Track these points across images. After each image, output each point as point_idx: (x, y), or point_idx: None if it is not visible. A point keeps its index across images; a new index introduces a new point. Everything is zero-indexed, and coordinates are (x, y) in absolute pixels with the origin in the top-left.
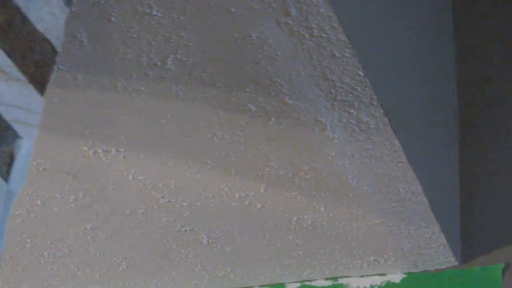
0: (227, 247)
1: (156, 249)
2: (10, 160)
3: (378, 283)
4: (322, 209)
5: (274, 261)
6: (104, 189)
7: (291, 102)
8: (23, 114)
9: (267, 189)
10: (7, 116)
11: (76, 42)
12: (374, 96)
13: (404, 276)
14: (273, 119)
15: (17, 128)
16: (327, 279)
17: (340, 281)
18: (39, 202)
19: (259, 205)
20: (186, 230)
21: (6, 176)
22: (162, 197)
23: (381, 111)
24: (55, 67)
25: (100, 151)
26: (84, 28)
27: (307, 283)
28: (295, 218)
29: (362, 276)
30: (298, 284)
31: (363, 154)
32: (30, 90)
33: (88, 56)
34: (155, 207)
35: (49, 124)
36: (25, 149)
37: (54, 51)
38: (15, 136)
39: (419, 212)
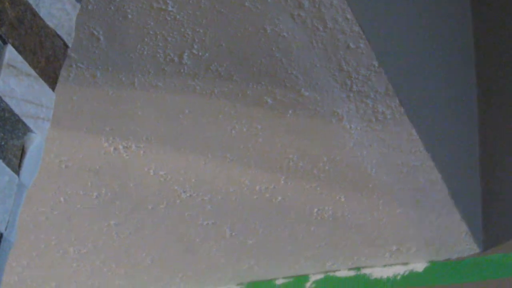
0: (249, 239)
1: (180, 243)
2: (21, 153)
3: (401, 272)
4: (343, 199)
5: (297, 252)
6: (125, 185)
7: (307, 93)
8: (34, 108)
9: (287, 181)
10: (18, 111)
11: (93, 40)
12: (390, 86)
13: (427, 265)
14: (290, 111)
15: (28, 122)
16: (350, 269)
17: (363, 271)
18: (62, 199)
19: (279, 198)
20: (208, 224)
21: (17, 169)
22: (184, 191)
23: (397, 101)
24: (74, 66)
25: (120, 147)
26: (100, 26)
27: (331, 274)
28: (316, 210)
29: (385, 266)
30: (322, 275)
31: (380, 144)
32: (41, 85)
33: (105, 54)
34: (177, 201)
35: (69, 121)
36: (36, 142)
37: (65, 46)
38: (26, 130)
39: (439, 200)
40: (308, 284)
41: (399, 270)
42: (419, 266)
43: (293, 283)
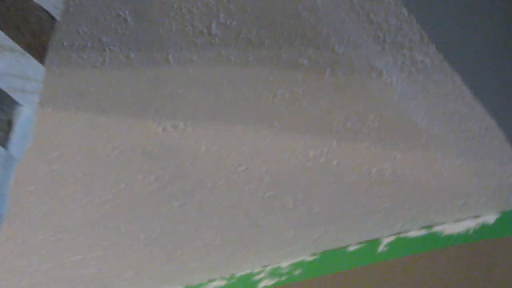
0: (314, 208)
1: (246, 218)
2: (9, 127)
3: (473, 226)
4: (399, 157)
5: (364, 216)
6: (181, 165)
7: (341, 50)
8: (20, 82)
9: (339, 143)
10: (3, 85)
11: (121, 21)
12: (424, 33)
13: (498, 215)
14: (327, 71)
15: (16, 96)
16: (421, 228)
17: (435, 229)
18: (123, 185)
19: (335, 162)
20: (270, 196)
21: (4, 143)
22: (239, 165)
23: (434, 47)
24: (107, 50)
25: (168, 127)
26: (125, 6)
27: (402, 235)
28: (374, 170)
29: (456, 222)
30: (393, 238)
31: (425, 95)
32: (27, 59)
33: (135, 33)
34: (235, 176)
35: (113, 107)
36: (25, 115)
37: (52, 19)
38: (14, 103)
39: (497, 147)
40: (380, 248)
41: (470, 224)
42: (490, 218)
43: (365, 248)
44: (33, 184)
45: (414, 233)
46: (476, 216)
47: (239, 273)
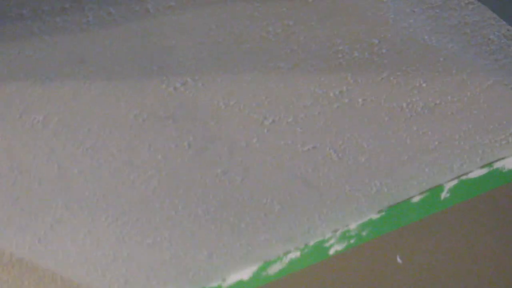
0: (359, 157)
1: (294, 176)
2: None
3: None
4: (424, 85)
5: (416, 159)
6: (206, 125)
7: None
8: None
9: (355, 78)
10: None
11: None
12: None
13: None
14: None
15: None
16: (482, 167)
17: (495, 165)
18: (159, 156)
19: (360, 100)
20: (309, 149)
21: None
22: (265, 118)
23: None
24: (85, 8)
25: (178, 85)
26: None
27: (464, 177)
28: (404, 104)
29: None
30: (456, 181)
31: (424, 7)
32: None
33: None
34: (265, 131)
35: (116, 70)
36: None
37: None
38: None
39: None
40: (443, 194)
41: None
42: None
43: (429, 197)
44: (76, 167)
45: (475, 173)
46: None
47: (312, 242)
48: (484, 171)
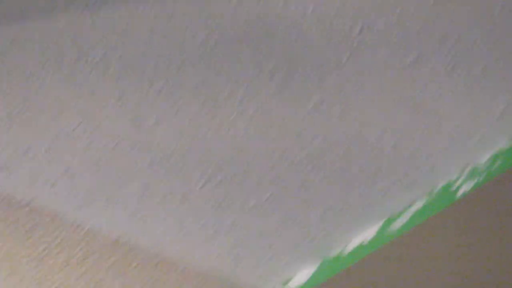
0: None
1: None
2: None
3: None
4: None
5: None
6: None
7: None
8: None
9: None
10: None
11: None
12: None
13: None
14: None
15: None
16: None
17: None
18: (241, 90)
19: None
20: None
21: None
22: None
23: None
24: None
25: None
26: None
27: None
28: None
29: None
30: None
31: None
32: None
33: None
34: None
35: (127, 62)
36: None
37: None
38: None
39: None
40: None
41: None
42: None
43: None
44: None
45: None
46: None
47: (439, 185)
48: None
